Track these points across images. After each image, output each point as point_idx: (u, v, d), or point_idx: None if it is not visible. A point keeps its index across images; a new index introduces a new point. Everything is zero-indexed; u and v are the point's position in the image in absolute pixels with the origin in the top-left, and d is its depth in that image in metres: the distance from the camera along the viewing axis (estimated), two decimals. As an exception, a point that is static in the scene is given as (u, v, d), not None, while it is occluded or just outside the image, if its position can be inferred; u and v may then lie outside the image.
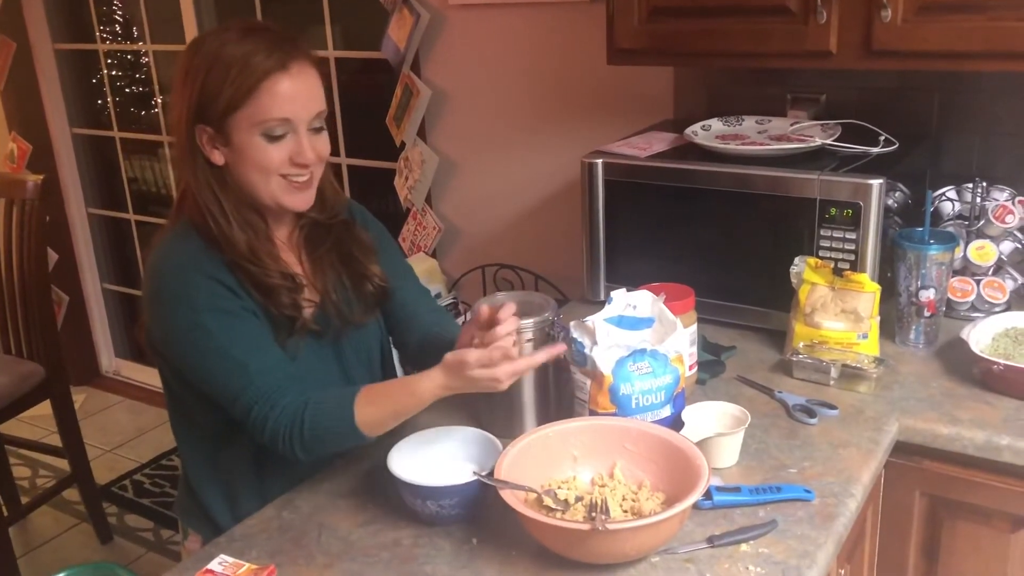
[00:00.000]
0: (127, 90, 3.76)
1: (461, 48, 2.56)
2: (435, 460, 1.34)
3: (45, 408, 2.81)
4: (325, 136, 1.38)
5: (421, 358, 1.52)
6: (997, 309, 1.77)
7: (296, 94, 1.30)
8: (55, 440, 2.94)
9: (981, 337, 1.62)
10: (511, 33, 2.46)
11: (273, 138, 1.31)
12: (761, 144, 1.84)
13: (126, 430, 3.67)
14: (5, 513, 2.85)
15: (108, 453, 3.50)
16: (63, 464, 2.95)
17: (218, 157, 1.33)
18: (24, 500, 2.99)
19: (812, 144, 1.80)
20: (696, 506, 1.26)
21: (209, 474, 1.49)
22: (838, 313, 1.64)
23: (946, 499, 1.51)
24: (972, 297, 1.78)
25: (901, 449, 1.49)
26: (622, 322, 1.40)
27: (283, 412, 1.29)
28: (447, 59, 2.60)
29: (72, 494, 3.03)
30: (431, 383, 1.26)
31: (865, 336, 1.63)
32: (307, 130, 1.33)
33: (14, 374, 2.69)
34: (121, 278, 4.05)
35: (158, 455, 3.42)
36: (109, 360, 4.14)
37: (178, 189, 1.42)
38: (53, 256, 3.81)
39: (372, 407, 1.28)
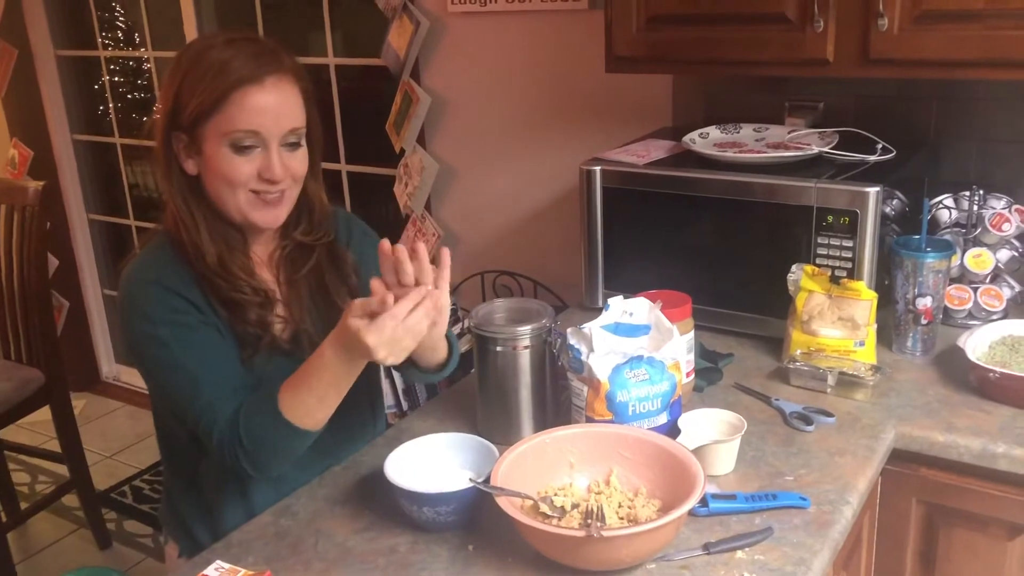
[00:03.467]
0: (128, 96, 3.77)
1: (461, 55, 2.57)
2: (432, 467, 1.34)
3: (45, 414, 2.81)
4: (301, 153, 1.34)
5: (402, 365, 1.47)
6: (994, 317, 1.77)
7: (267, 107, 1.27)
8: (55, 446, 2.94)
9: (978, 345, 1.62)
10: (510, 40, 2.47)
11: (241, 149, 1.28)
12: (758, 152, 1.84)
13: (126, 436, 3.67)
14: (4, 519, 2.86)
15: (108, 459, 3.50)
16: (62, 470, 2.96)
17: (191, 167, 1.31)
18: (23, 506, 2.99)
19: (809, 152, 1.80)
20: (692, 513, 1.27)
21: (185, 485, 1.48)
22: (835, 321, 1.64)
23: (943, 506, 1.51)
24: (969, 305, 1.78)
25: (898, 456, 1.50)
26: (619, 329, 1.41)
27: (226, 423, 1.27)
28: (447, 66, 2.61)
29: (71, 500, 3.03)
30: (326, 342, 1.22)
31: (862, 344, 1.63)
32: (280, 146, 1.30)
33: (14, 380, 2.70)
34: (121, 284, 4.05)
35: (157, 461, 3.42)
36: (109, 366, 4.15)
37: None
38: (54, 262, 3.82)
39: (290, 391, 1.25)
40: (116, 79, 3.76)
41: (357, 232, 1.53)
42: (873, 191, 1.64)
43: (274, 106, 1.27)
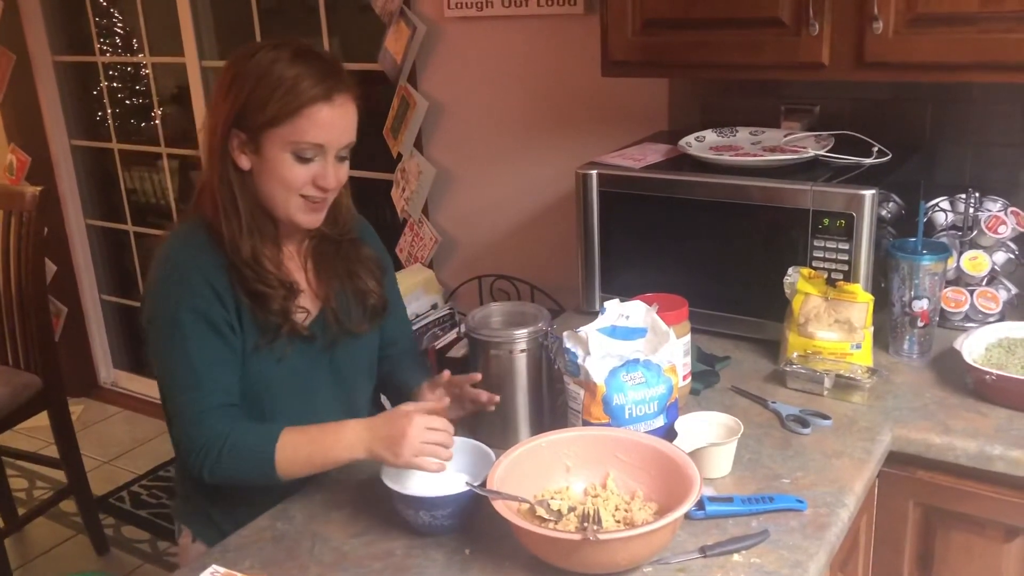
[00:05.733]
0: (127, 102, 3.77)
1: (457, 60, 2.57)
2: (429, 470, 1.34)
3: (43, 419, 2.81)
4: (347, 165, 1.44)
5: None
6: (991, 319, 1.77)
7: (334, 124, 1.36)
8: (52, 451, 2.94)
9: (974, 347, 1.62)
10: (507, 45, 2.47)
11: (302, 159, 1.36)
12: (755, 155, 1.85)
13: (123, 441, 3.67)
14: (2, 524, 2.86)
15: (106, 464, 3.50)
16: (60, 475, 2.95)
17: (245, 162, 1.38)
18: (21, 511, 2.99)
19: (805, 155, 1.81)
20: (689, 516, 1.27)
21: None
22: (831, 323, 1.64)
23: (940, 509, 1.51)
24: (965, 307, 1.79)
25: (895, 459, 1.50)
26: (615, 332, 1.41)
27: (208, 430, 1.33)
28: (444, 71, 2.61)
29: (69, 505, 3.03)
30: (352, 425, 1.32)
31: (859, 346, 1.63)
32: (334, 157, 1.39)
33: (11, 385, 2.70)
34: (120, 289, 4.06)
35: (156, 466, 3.42)
36: (107, 371, 4.14)
37: (199, 184, 1.47)
38: (52, 267, 3.82)
39: (292, 444, 1.32)
40: (114, 85, 3.76)
41: (368, 235, 1.62)
42: (869, 194, 1.64)
43: (339, 123, 1.37)
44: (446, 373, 1.46)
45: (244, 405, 1.43)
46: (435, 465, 1.27)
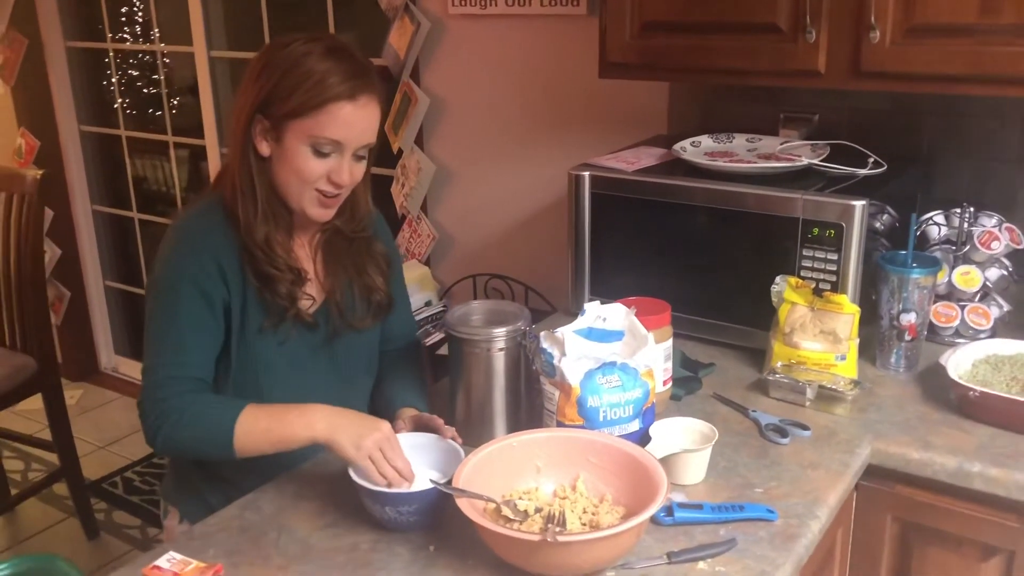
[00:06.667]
0: (136, 89, 3.79)
1: (460, 57, 2.57)
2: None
3: (41, 401, 2.82)
4: (364, 164, 1.45)
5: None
6: (981, 335, 1.75)
7: (355, 123, 1.38)
8: (49, 434, 2.95)
9: (961, 363, 1.60)
10: (510, 43, 2.46)
11: (320, 153, 1.38)
12: (748, 162, 1.83)
13: (121, 427, 3.68)
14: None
15: (101, 449, 3.51)
16: (55, 458, 2.96)
17: (265, 148, 1.40)
18: (14, 492, 3.01)
19: (799, 163, 1.79)
20: (656, 522, 1.26)
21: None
22: (817, 334, 1.62)
23: (917, 524, 1.49)
24: (956, 323, 1.77)
25: (874, 473, 1.48)
26: (592, 334, 1.40)
27: (175, 397, 1.35)
28: (446, 68, 2.61)
29: (63, 488, 3.03)
30: (320, 409, 1.32)
31: (843, 358, 1.62)
32: (352, 156, 1.40)
33: (6, 366, 2.71)
34: (123, 275, 4.07)
35: (150, 453, 3.43)
36: (108, 357, 4.16)
37: (222, 164, 1.50)
38: (56, 252, 3.85)
39: (253, 417, 1.33)
40: (125, 72, 3.78)
41: (381, 228, 1.63)
42: (859, 204, 1.62)
43: (360, 123, 1.38)
44: (437, 420, 1.44)
45: (240, 387, 1.45)
46: (380, 478, 1.27)
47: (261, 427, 1.32)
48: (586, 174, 1.89)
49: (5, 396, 2.68)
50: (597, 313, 1.42)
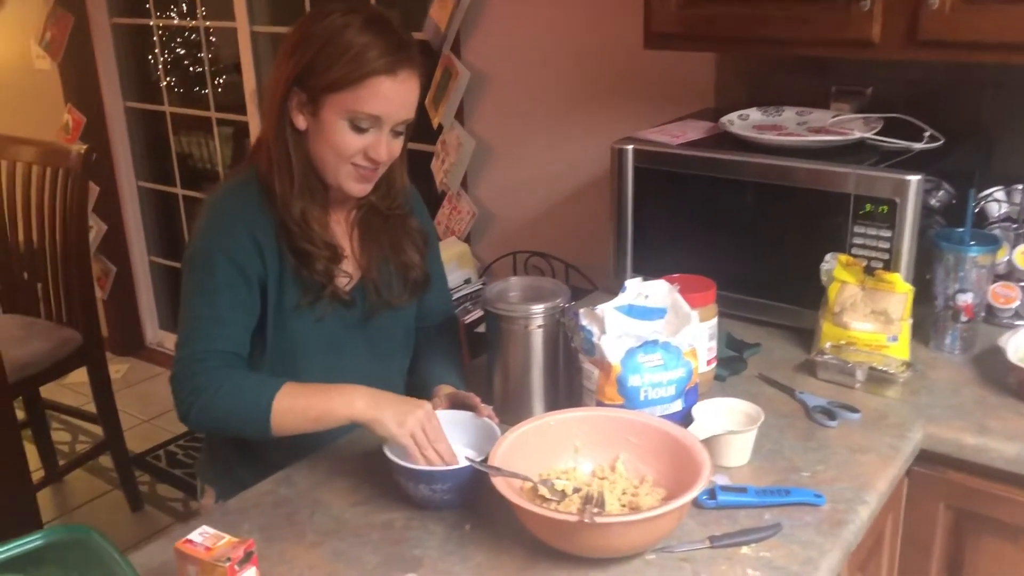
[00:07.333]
0: (181, 66, 3.80)
1: (501, 30, 2.52)
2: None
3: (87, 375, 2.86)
4: (402, 140, 1.42)
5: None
6: (1042, 317, 1.68)
7: (394, 98, 1.34)
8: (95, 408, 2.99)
9: (1021, 345, 1.53)
10: (552, 15, 2.41)
11: (357, 128, 1.35)
12: (798, 136, 1.77)
13: (165, 401, 3.69)
14: (42, 474, 2.93)
15: (146, 423, 3.56)
16: (101, 432, 3.01)
17: (301, 122, 1.37)
18: (62, 464, 3.06)
19: (851, 137, 1.72)
20: (699, 505, 1.22)
21: None
22: (868, 314, 1.57)
23: (972, 513, 1.43)
24: (1016, 304, 1.69)
25: (926, 458, 1.43)
26: (633, 311, 1.36)
27: (211, 370, 1.33)
28: (487, 41, 2.56)
29: (108, 461, 3.08)
30: (361, 389, 1.29)
31: (895, 339, 1.56)
32: (390, 131, 1.37)
33: (52, 340, 2.75)
34: (168, 251, 4.11)
35: (193, 427, 3.46)
36: (154, 332, 4.21)
37: (257, 138, 1.47)
38: (103, 227, 3.89)
39: (292, 395, 1.30)
40: (169, 48, 3.79)
41: (416, 204, 1.60)
42: (915, 179, 1.56)
43: (399, 98, 1.35)
44: (474, 398, 1.40)
45: (274, 364, 1.43)
46: (420, 458, 1.24)
47: (300, 404, 1.30)
48: (629, 148, 1.84)
49: (50, 369, 2.72)
50: (639, 290, 1.38)
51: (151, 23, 3.74)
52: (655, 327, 1.35)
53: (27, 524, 2.47)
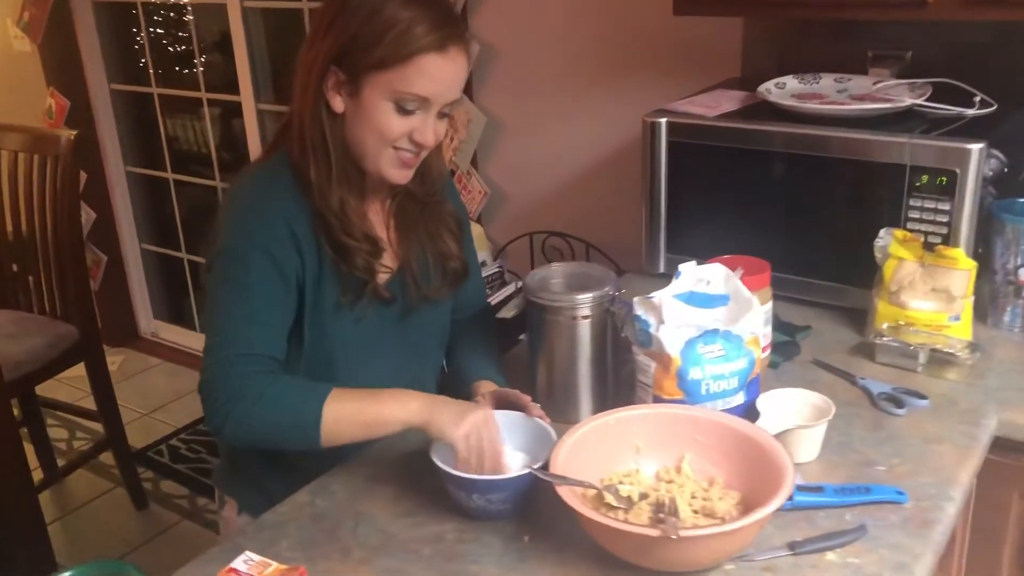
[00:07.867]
0: (167, 46, 3.65)
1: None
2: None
3: (84, 369, 2.74)
4: (446, 122, 1.32)
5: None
6: (1104, 291, 1.60)
7: (444, 78, 1.24)
8: (92, 402, 2.88)
9: (1089, 322, 1.45)
10: (566, -17, 2.30)
11: (403, 111, 1.24)
12: (843, 104, 1.67)
13: (163, 393, 3.61)
14: (41, 476, 2.82)
15: (145, 417, 3.45)
16: (100, 427, 2.90)
17: (339, 104, 1.26)
18: (61, 463, 2.95)
19: (901, 104, 1.63)
20: (774, 507, 1.13)
21: None
22: (927, 292, 1.48)
23: (1048, 502, 1.36)
24: (1076, 277, 1.61)
25: (998, 445, 1.34)
26: (692, 299, 1.26)
27: (249, 376, 1.21)
28: (497, 11, 2.44)
29: (109, 457, 2.97)
30: (415, 393, 1.22)
31: (957, 318, 1.47)
32: (436, 113, 1.27)
33: (48, 335, 2.63)
34: (160, 238, 3.98)
35: (195, 420, 3.36)
36: (147, 321, 4.09)
37: (284, 120, 1.35)
38: (91, 215, 3.75)
39: (341, 401, 1.21)
40: (155, 28, 3.64)
41: (450, 190, 1.51)
42: (976, 148, 1.47)
43: (449, 77, 1.25)
44: (524, 397, 1.31)
45: (310, 368, 1.32)
46: (471, 462, 1.16)
47: (350, 410, 1.20)
48: (663, 120, 1.74)
49: (48, 367, 2.60)
50: (697, 275, 1.28)
51: (136, 0, 3.58)
52: (716, 315, 1.25)
53: (29, 524, 2.38)
